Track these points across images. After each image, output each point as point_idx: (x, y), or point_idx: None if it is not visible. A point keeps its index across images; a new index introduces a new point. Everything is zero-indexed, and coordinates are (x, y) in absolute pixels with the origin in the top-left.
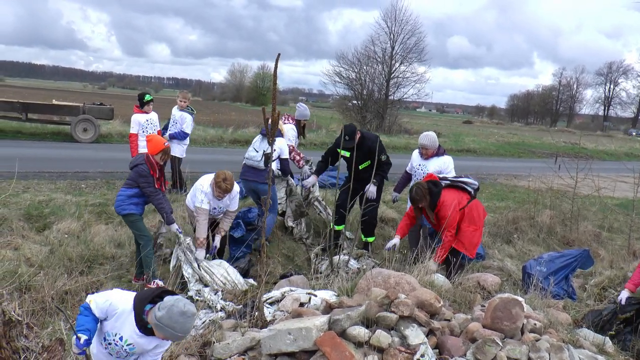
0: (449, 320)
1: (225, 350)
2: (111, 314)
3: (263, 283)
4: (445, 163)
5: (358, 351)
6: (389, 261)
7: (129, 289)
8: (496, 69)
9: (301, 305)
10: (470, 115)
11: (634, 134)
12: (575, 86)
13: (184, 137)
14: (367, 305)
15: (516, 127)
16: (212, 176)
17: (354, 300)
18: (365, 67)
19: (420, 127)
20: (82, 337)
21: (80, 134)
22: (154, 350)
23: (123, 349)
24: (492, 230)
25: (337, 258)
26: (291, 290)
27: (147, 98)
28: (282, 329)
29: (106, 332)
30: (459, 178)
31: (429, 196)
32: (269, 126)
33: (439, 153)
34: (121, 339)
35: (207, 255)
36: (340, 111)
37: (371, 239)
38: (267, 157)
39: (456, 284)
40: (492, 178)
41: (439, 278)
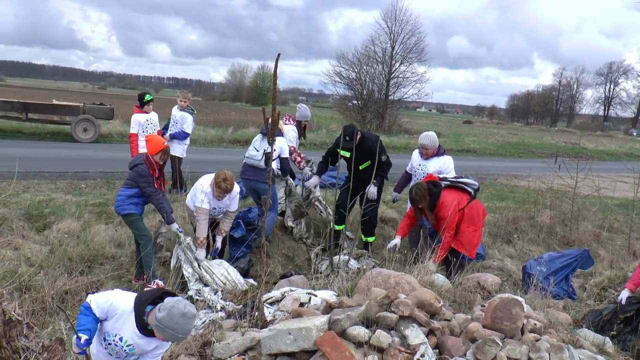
0: (449, 320)
1: (225, 350)
2: (111, 315)
3: (263, 283)
4: (445, 163)
5: (358, 351)
6: (389, 261)
7: (129, 289)
8: (496, 69)
9: (301, 305)
10: (470, 115)
11: (634, 134)
12: (575, 86)
13: (185, 137)
14: (367, 305)
15: (516, 127)
16: (213, 176)
17: (354, 300)
18: (365, 67)
19: (421, 127)
20: (83, 336)
21: (81, 133)
22: (154, 351)
23: (123, 350)
24: (492, 230)
25: (337, 258)
26: (291, 290)
27: (147, 98)
28: (282, 329)
29: (106, 332)
30: (458, 178)
31: (428, 197)
32: (269, 126)
33: (439, 153)
34: (121, 339)
35: (209, 256)
36: (341, 111)
37: (371, 239)
38: (268, 156)
39: (456, 284)
40: (492, 178)
41: (439, 278)
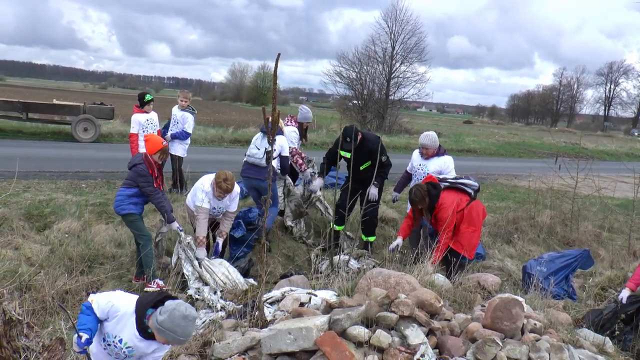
0: (449, 320)
1: (226, 350)
2: (112, 316)
3: (263, 283)
4: (445, 163)
5: (358, 351)
6: (389, 261)
7: (129, 289)
8: (497, 69)
9: (301, 305)
10: (470, 115)
11: (636, 134)
12: (575, 86)
13: (186, 136)
14: (367, 305)
15: (517, 127)
16: (213, 176)
17: (354, 300)
18: (365, 67)
19: (421, 127)
20: (84, 335)
21: (81, 133)
22: (153, 354)
23: (122, 351)
24: (493, 230)
25: (337, 258)
26: (291, 290)
27: (148, 98)
28: (282, 329)
29: (106, 333)
30: (458, 179)
31: (427, 198)
32: (269, 125)
33: (439, 153)
34: (120, 341)
35: (211, 256)
36: (341, 111)
37: (372, 239)
38: (269, 155)
39: (456, 284)
40: (492, 178)
41: (439, 278)
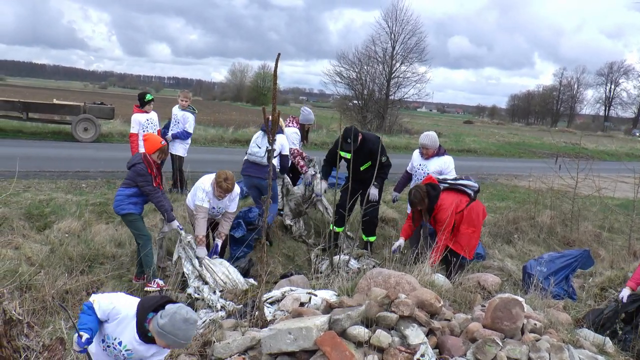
0: (449, 320)
1: (226, 350)
2: (113, 318)
3: (263, 283)
4: (445, 163)
5: (358, 351)
6: (389, 261)
7: (129, 288)
8: (497, 69)
9: (301, 305)
10: (470, 115)
11: (637, 134)
12: (576, 86)
13: (187, 136)
14: (367, 305)
15: (517, 127)
16: (214, 176)
17: (354, 300)
18: (365, 67)
19: (421, 127)
20: (84, 335)
21: (81, 133)
22: (152, 357)
23: (121, 354)
24: (493, 230)
25: (337, 258)
26: (291, 290)
27: (149, 97)
28: (282, 329)
29: (106, 334)
30: (458, 180)
31: (426, 199)
32: (269, 125)
33: (439, 153)
34: (120, 343)
35: (214, 255)
36: (341, 111)
37: (372, 239)
38: (269, 154)
39: (456, 284)
40: (492, 178)
41: (439, 278)
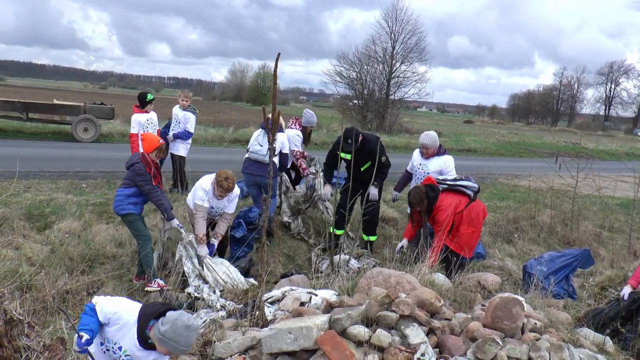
0: (449, 319)
1: (226, 350)
2: (114, 323)
3: (264, 282)
4: (445, 162)
5: (358, 350)
6: (389, 260)
7: (130, 288)
8: (497, 68)
9: (302, 304)
10: (471, 115)
11: (639, 133)
12: (576, 86)
13: (188, 136)
14: (367, 305)
15: (517, 127)
16: (214, 176)
17: (354, 300)
18: (366, 67)
19: (421, 127)
20: (85, 336)
21: (81, 133)
22: None
23: (120, 358)
24: (493, 229)
25: (337, 257)
26: (292, 290)
27: (149, 97)
28: (282, 328)
29: (106, 338)
30: (458, 181)
31: (426, 200)
32: (269, 125)
33: (439, 152)
34: (120, 348)
35: (214, 253)
36: (341, 111)
37: (373, 238)
38: (270, 152)
39: (456, 284)
40: (492, 177)
41: (439, 277)
